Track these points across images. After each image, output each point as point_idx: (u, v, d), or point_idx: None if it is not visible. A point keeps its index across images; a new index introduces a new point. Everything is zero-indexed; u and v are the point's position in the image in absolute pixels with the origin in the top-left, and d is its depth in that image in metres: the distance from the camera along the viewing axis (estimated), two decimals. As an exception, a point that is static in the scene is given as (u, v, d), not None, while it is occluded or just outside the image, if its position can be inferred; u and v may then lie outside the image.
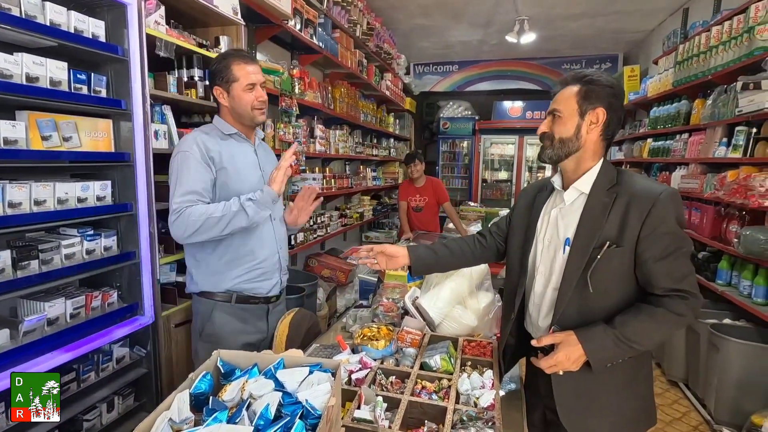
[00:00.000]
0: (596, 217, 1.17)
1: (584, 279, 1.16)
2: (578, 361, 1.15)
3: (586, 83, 1.19)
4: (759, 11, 2.72)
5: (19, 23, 1.26)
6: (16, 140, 1.29)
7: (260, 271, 1.63)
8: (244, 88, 1.55)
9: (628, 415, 1.24)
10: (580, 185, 1.22)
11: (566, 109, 1.20)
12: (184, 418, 0.82)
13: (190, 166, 1.50)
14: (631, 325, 1.12)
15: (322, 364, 1.00)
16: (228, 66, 1.55)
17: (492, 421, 1.14)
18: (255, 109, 1.59)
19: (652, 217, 1.11)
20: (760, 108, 2.53)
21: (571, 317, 1.19)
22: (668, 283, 1.11)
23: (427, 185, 4.18)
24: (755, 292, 2.61)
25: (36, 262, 1.37)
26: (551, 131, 1.23)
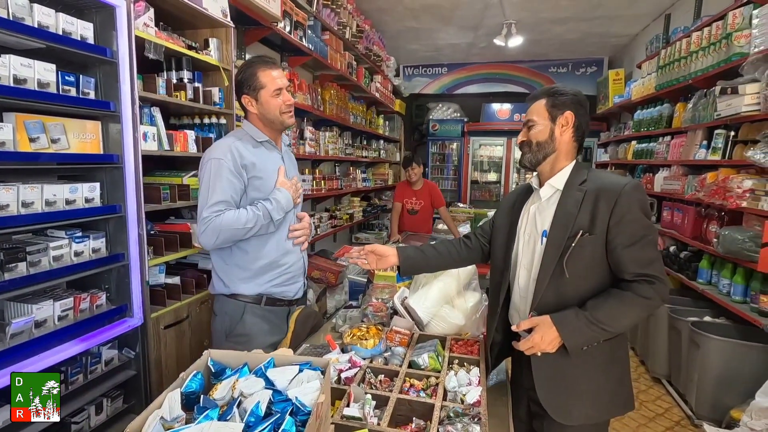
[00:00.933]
0: (569, 210, 1.26)
1: (560, 266, 1.24)
2: (553, 342, 1.23)
3: (552, 95, 1.35)
4: (736, 18, 2.81)
5: (6, 25, 1.26)
6: (3, 142, 1.29)
7: (289, 275, 1.72)
8: (271, 93, 1.59)
9: (606, 398, 1.30)
10: (555, 182, 1.34)
11: (539, 117, 1.35)
12: (176, 417, 0.83)
13: (222, 175, 1.53)
14: (602, 308, 1.20)
15: (311, 362, 1.02)
16: (254, 74, 1.58)
17: (478, 417, 1.16)
18: (284, 113, 1.63)
19: (618, 206, 1.21)
20: (737, 112, 2.61)
21: (548, 303, 1.27)
22: (636, 269, 1.20)
23: (424, 188, 4.18)
24: (734, 290, 2.69)
25: (24, 264, 1.37)
26: (528, 139, 1.37)
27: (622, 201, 1.21)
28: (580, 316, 1.21)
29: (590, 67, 6.60)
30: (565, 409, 1.29)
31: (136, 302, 1.70)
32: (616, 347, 1.31)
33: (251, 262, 1.64)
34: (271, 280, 1.67)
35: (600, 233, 1.23)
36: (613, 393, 1.31)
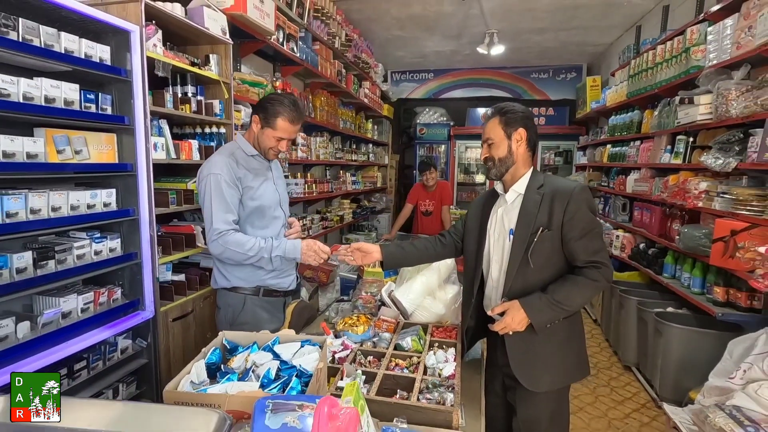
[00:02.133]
0: (531, 210, 1.51)
1: (526, 258, 1.49)
2: (522, 322, 1.46)
3: (503, 113, 1.55)
4: (694, 34, 3.07)
5: (40, 53, 1.44)
6: (36, 154, 1.47)
7: (280, 269, 1.86)
8: (275, 135, 1.76)
9: (567, 367, 1.55)
10: (517, 188, 1.57)
11: (496, 136, 1.56)
12: (202, 380, 1.03)
13: (222, 189, 1.69)
14: (560, 291, 1.45)
15: (311, 339, 1.22)
16: (276, 114, 1.74)
17: (452, 387, 1.37)
18: (271, 150, 1.81)
19: (570, 206, 1.46)
20: (694, 120, 2.87)
21: (517, 290, 1.51)
22: (586, 257, 1.47)
23: (437, 190, 4.40)
24: (692, 282, 2.94)
25: (53, 262, 1.54)
26: (491, 155, 1.58)
27: (573, 201, 1.45)
28: (543, 299, 1.45)
29: (570, 74, 6.89)
30: (535, 378, 1.53)
31: (147, 297, 1.88)
32: (573, 324, 1.57)
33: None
34: (267, 273, 1.83)
35: (556, 229, 1.47)
36: (573, 362, 1.57)
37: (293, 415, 0.81)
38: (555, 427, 1.59)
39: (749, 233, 2.32)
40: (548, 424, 1.57)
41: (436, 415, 1.24)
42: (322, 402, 0.67)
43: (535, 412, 1.56)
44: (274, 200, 1.86)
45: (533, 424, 1.57)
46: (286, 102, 1.76)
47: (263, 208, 1.80)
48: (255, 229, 1.81)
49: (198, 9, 2.22)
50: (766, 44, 2.21)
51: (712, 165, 2.58)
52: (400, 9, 4.71)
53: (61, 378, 0.97)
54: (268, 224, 1.84)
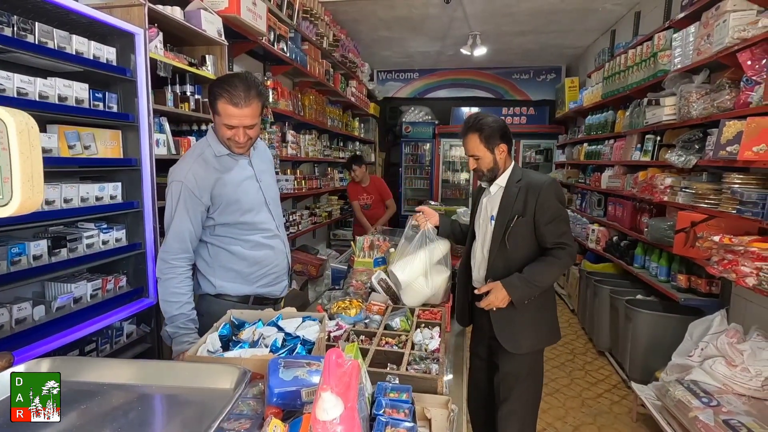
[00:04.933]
0: (509, 200, 1.77)
1: (504, 241, 1.76)
2: (504, 299, 1.73)
3: (481, 129, 1.75)
4: (661, 40, 3.30)
5: (55, 54, 1.55)
6: (51, 149, 1.57)
7: (274, 275, 1.76)
8: (222, 123, 1.53)
9: (542, 332, 1.86)
10: (500, 182, 1.83)
11: (480, 152, 1.78)
12: (217, 349, 1.16)
13: (183, 201, 1.53)
14: (533, 271, 1.72)
15: (311, 315, 1.36)
16: (216, 97, 1.50)
17: (437, 359, 1.53)
18: (229, 141, 1.57)
19: (541, 196, 1.72)
20: (660, 120, 3.09)
21: (498, 268, 1.79)
22: (553, 239, 1.74)
23: (372, 184, 4.60)
24: (659, 271, 3.17)
25: (65, 250, 1.65)
26: (479, 167, 1.82)
27: (543, 193, 1.72)
28: (521, 278, 1.73)
29: (550, 74, 7.14)
30: (516, 342, 1.82)
31: (151, 284, 1.99)
32: (546, 297, 1.87)
33: (236, 263, 1.65)
34: (259, 280, 1.70)
35: (529, 216, 1.74)
36: (547, 329, 1.87)
37: (303, 369, 0.95)
38: (531, 382, 1.88)
39: (707, 224, 2.55)
40: (525, 379, 1.85)
41: (423, 382, 1.40)
42: (330, 352, 0.81)
43: (514, 369, 1.85)
44: (257, 201, 1.67)
45: (513, 379, 1.85)
46: (229, 80, 1.49)
47: (244, 213, 1.63)
48: (238, 241, 1.65)
49: (196, 12, 2.33)
50: (722, 51, 2.43)
51: (676, 162, 2.80)
52: (387, 11, 4.86)
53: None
54: (252, 233, 1.66)
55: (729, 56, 2.38)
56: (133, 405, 0.92)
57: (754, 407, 2.10)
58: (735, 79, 2.43)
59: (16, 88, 1.45)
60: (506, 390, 1.88)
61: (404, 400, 1.04)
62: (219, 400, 0.84)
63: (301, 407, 0.91)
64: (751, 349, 2.24)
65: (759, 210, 2.01)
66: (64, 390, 0.83)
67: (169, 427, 0.90)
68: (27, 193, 0.66)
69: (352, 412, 0.76)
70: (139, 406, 0.91)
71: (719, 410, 2.08)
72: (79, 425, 0.86)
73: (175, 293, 1.55)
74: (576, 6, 4.58)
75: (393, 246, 2.53)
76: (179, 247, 1.56)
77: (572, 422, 2.77)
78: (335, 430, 0.73)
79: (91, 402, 0.91)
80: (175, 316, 1.55)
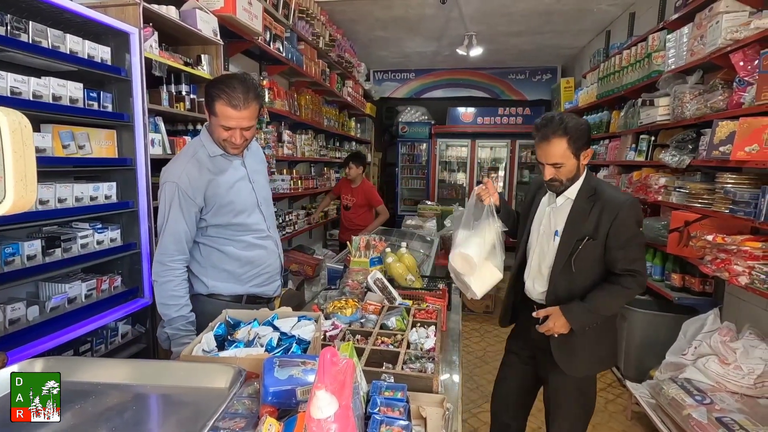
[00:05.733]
0: (579, 218, 1.58)
1: (569, 263, 1.59)
2: (564, 326, 1.59)
3: (569, 132, 1.48)
4: (655, 40, 3.32)
5: (49, 54, 1.54)
6: (45, 149, 1.57)
7: (267, 275, 1.76)
8: (219, 124, 1.52)
9: (601, 358, 1.72)
10: (569, 193, 1.62)
11: (566, 158, 1.52)
12: (212, 348, 1.16)
13: (177, 202, 1.52)
14: (596, 299, 1.57)
15: (307, 315, 1.36)
16: (214, 98, 1.49)
17: (432, 358, 1.53)
18: (225, 143, 1.56)
19: (617, 219, 1.53)
20: (654, 121, 3.11)
21: (560, 289, 1.64)
22: (624, 265, 1.55)
23: (360, 188, 4.39)
24: (654, 271, 3.19)
25: (59, 250, 1.64)
26: (558, 176, 1.56)
27: (621, 215, 1.52)
28: (582, 306, 1.56)
29: (545, 75, 7.17)
30: (573, 364, 1.68)
31: (146, 285, 1.98)
32: (609, 321, 1.71)
33: (228, 263, 1.65)
34: (252, 280, 1.70)
35: (601, 238, 1.55)
36: (605, 354, 1.73)
37: (298, 368, 0.96)
38: (582, 403, 1.75)
39: (700, 224, 2.57)
40: (577, 399, 1.73)
41: (419, 381, 1.40)
42: (325, 350, 0.81)
43: (566, 387, 1.73)
44: (250, 202, 1.67)
45: (563, 397, 1.74)
46: (227, 82, 1.48)
47: (237, 214, 1.62)
48: (231, 242, 1.64)
49: (191, 11, 2.33)
50: (715, 52, 2.45)
51: (670, 162, 2.82)
52: (383, 11, 4.86)
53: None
54: (244, 234, 1.66)
55: (722, 57, 2.41)
56: (128, 405, 0.92)
57: (746, 405, 2.12)
58: (728, 80, 2.45)
59: (9, 88, 1.44)
60: (555, 407, 1.77)
61: (399, 398, 1.04)
62: (214, 399, 0.84)
63: (296, 406, 0.91)
64: (743, 348, 2.26)
65: (751, 209, 2.03)
66: (58, 390, 0.83)
67: (164, 426, 0.90)
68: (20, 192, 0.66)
69: (347, 411, 0.77)
70: (133, 406, 0.91)
71: (712, 408, 2.09)
72: (74, 425, 0.86)
73: (174, 296, 1.55)
74: (571, 6, 4.60)
75: (389, 246, 2.54)
76: (176, 249, 1.56)
77: (567, 421, 2.78)
78: (329, 428, 0.73)
79: (85, 402, 0.91)
80: (174, 319, 1.54)
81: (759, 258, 2.06)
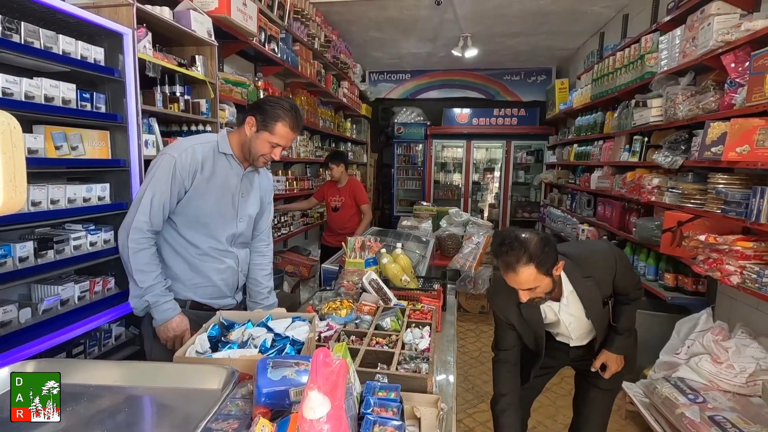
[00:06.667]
0: (593, 296, 1.68)
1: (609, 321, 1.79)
2: (619, 360, 1.79)
3: (533, 259, 1.45)
4: (647, 42, 3.34)
5: (41, 54, 1.53)
6: (37, 150, 1.56)
7: (214, 289, 1.69)
8: (270, 141, 1.60)
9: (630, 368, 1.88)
10: (565, 291, 1.66)
11: (539, 281, 1.50)
12: (205, 350, 1.16)
13: (170, 175, 1.52)
14: (624, 323, 1.77)
15: (301, 316, 1.36)
16: (276, 118, 1.58)
17: (427, 359, 1.54)
18: (262, 157, 1.64)
19: (616, 272, 1.68)
20: (647, 122, 3.14)
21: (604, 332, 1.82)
22: (632, 288, 1.76)
23: (347, 186, 4.22)
24: (647, 270, 3.21)
25: (52, 252, 1.63)
26: (536, 295, 1.55)
27: (616, 268, 1.68)
28: (619, 338, 1.76)
29: (540, 76, 7.20)
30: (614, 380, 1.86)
31: (140, 286, 1.97)
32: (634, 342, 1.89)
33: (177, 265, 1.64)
34: (195, 289, 1.65)
35: (611, 290, 1.72)
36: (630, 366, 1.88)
37: (291, 369, 0.96)
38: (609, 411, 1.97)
39: (693, 224, 2.59)
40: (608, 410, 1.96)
41: (413, 381, 1.40)
42: (318, 351, 0.81)
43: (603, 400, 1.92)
44: (227, 210, 1.65)
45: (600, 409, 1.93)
46: (287, 106, 1.61)
47: (207, 214, 1.61)
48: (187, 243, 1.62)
49: (185, 12, 2.32)
50: (707, 54, 2.47)
51: (662, 162, 2.84)
52: (378, 12, 4.87)
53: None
54: (204, 239, 1.63)
55: (713, 59, 2.43)
56: (121, 407, 0.91)
57: (738, 403, 2.14)
58: (719, 81, 2.48)
59: (1, 88, 1.43)
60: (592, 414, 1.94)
61: (392, 398, 1.04)
62: (207, 400, 0.84)
63: (290, 407, 0.91)
64: (735, 347, 2.28)
65: (743, 210, 2.05)
66: (49, 392, 0.82)
67: (157, 428, 0.90)
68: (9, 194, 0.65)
69: (339, 411, 0.77)
70: (126, 408, 0.91)
71: (705, 407, 2.11)
72: (67, 428, 0.85)
73: (151, 263, 1.54)
74: (565, 8, 4.62)
75: (384, 247, 2.54)
76: (157, 218, 1.53)
77: (563, 420, 2.79)
78: (322, 428, 0.73)
79: (78, 404, 0.91)
80: (153, 286, 1.54)
81: (750, 258, 2.08)
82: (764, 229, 1.95)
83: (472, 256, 4.37)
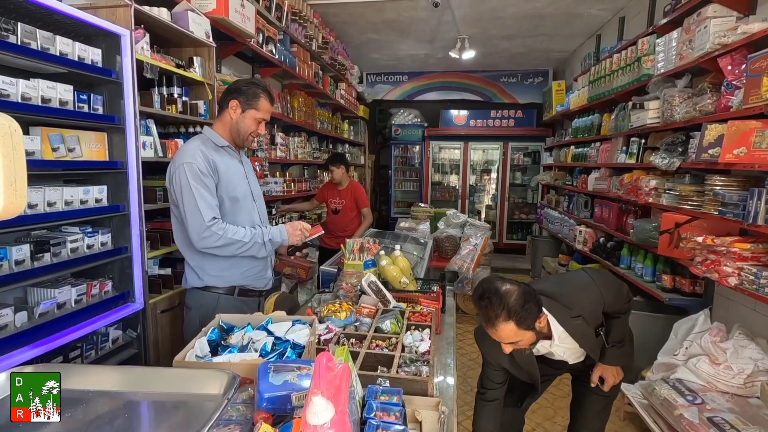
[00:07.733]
0: (585, 332, 1.64)
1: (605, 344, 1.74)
2: (616, 371, 1.77)
3: (512, 316, 1.41)
4: (644, 45, 3.36)
5: (38, 55, 1.52)
6: (33, 152, 1.54)
7: (258, 269, 1.86)
8: (256, 117, 1.76)
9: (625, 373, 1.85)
10: (555, 332, 1.61)
11: (520, 337, 1.47)
12: (205, 354, 1.15)
13: (200, 178, 1.63)
14: (615, 335, 1.73)
15: (301, 319, 1.35)
16: (258, 96, 1.75)
17: (427, 361, 1.53)
18: (251, 135, 1.80)
19: (604, 303, 1.64)
20: (644, 123, 3.15)
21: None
22: (620, 306, 1.71)
23: (348, 189, 4.20)
24: (645, 272, 3.22)
25: (48, 254, 1.61)
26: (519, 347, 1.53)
27: (604, 299, 1.63)
28: (613, 349, 1.73)
29: (537, 78, 7.22)
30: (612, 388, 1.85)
31: (137, 289, 1.96)
32: (629, 346, 1.87)
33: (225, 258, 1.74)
34: (242, 273, 1.80)
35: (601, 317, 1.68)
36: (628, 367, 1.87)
37: (293, 374, 0.95)
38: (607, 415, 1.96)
39: (690, 225, 2.60)
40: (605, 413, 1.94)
41: (414, 384, 1.40)
42: (321, 355, 0.81)
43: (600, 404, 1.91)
44: (246, 192, 1.82)
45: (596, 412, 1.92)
46: (262, 84, 1.80)
47: (237, 199, 1.76)
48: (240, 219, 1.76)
49: (183, 13, 2.31)
50: (704, 56, 2.48)
51: (660, 164, 2.86)
52: (375, 14, 4.87)
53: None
54: (245, 218, 1.79)
55: (710, 61, 2.44)
56: (120, 412, 0.90)
57: (736, 404, 2.14)
58: (716, 84, 2.49)
59: (-3, 90, 1.42)
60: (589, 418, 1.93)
61: (395, 402, 1.04)
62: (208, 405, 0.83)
63: (292, 412, 0.90)
64: (733, 348, 2.29)
65: (740, 211, 2.06)
66: (48, 398, 0.81)
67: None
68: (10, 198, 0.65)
69: (343, 416, 0.76)
70: (125, 413, 0.90)
71: (703, 408, 2.11)
72: (64, 434, 0.84)
73: (238, 232, 1.68)
74: (562, 11, 4.64)
75: (382, 248, 2.54)
76: (212, 214, 1.65)
77: (561, 422, 2.79)
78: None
79: (75, 410, 0.90)
80: (254, 234, 1.72)
81: (747, 259, 2.09)
82: (761, 231, 1.96)
83: (469, 258, 4.37)
